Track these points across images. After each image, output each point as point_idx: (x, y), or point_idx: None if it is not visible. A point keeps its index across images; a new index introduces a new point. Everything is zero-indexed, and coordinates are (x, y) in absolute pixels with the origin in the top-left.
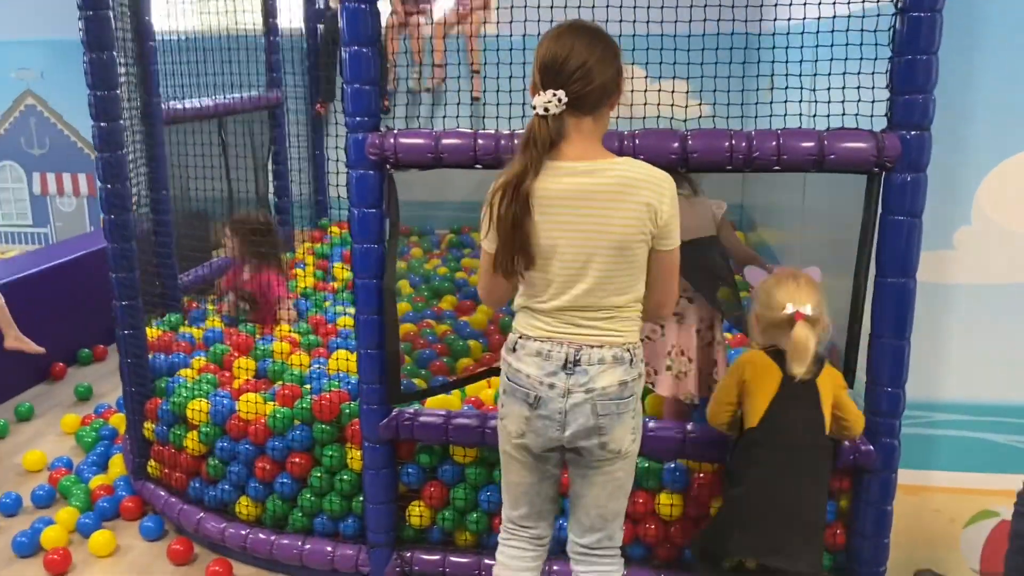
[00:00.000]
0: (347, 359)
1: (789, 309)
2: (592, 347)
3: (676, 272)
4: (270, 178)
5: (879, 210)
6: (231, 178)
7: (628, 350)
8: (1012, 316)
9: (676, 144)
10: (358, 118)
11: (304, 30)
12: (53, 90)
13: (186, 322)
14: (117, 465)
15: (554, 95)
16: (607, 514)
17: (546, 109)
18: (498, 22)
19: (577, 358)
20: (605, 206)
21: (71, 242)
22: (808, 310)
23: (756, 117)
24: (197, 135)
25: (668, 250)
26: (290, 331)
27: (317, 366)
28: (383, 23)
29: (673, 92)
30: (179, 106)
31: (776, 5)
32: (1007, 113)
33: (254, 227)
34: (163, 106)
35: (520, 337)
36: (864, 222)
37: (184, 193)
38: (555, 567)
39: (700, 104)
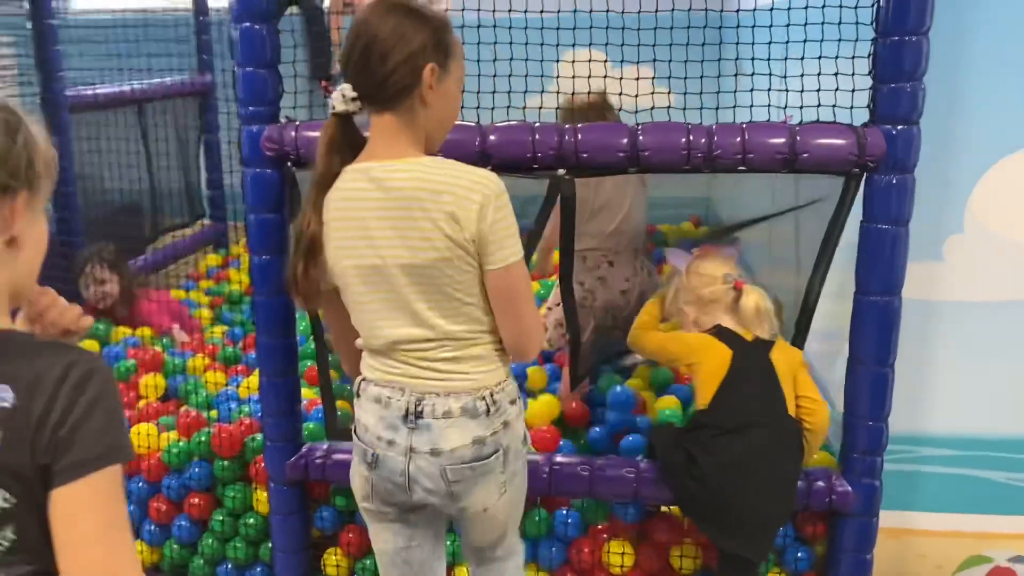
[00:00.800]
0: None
1: (728, 279)
2: (436, 395)
3: (521, 297)
4: (202, 170)
5: (848, 214)
6: (152, 171)
7: (484, 398)
8: (1008, 338)
9: (625, 140)
10: (251, 107)
11: None
12: None
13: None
14: None
15: (340, 89)
16: (494, 543)
17: (332, 106)
18: None
19: (419, 409)
20: (393, 219)
21: None
22: (743, 278)
23: (717, 109)
24: (116, 126)
25: (496, 268)
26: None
27: (234, 386)
28: (326, 2)
29: (618, 78)
30: (89, 92)
31: None
32: (1005, 105)
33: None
34: (69, 92)
35: (362, 380)
36: (831, 225)
37: (98, 187)
38: None
39: (653, 93)
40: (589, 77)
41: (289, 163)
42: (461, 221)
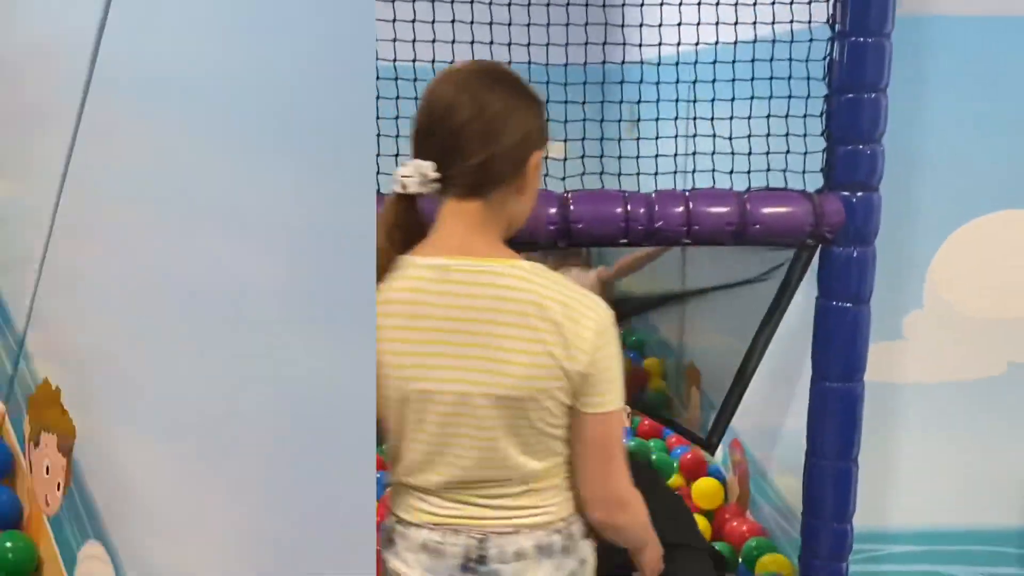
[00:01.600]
0: None
1: None
2: (503, 534)
3: (615, 449)
4: None
5: (796, 287)
6: None
7: (559, 531)
8: (974, 419)
9: (554, 210)
10: None
11: None
12: None
13: None
14: None
15: (416, 168)
16: None
17: (404, 187)
18: None
19: (483, 553)
20: (480, 333)
21: None
22: None
23: (656, 174)
24: None
25: (596, 413)
26: None
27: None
28: None
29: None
30: None
31: (678, 26)
32: (962, 168)
33: None
34: None
35: (397, 523)
36: (776, 299)
37: None
38: None
39: (583, 157)
40: None
41: None
42: (572, 347)
